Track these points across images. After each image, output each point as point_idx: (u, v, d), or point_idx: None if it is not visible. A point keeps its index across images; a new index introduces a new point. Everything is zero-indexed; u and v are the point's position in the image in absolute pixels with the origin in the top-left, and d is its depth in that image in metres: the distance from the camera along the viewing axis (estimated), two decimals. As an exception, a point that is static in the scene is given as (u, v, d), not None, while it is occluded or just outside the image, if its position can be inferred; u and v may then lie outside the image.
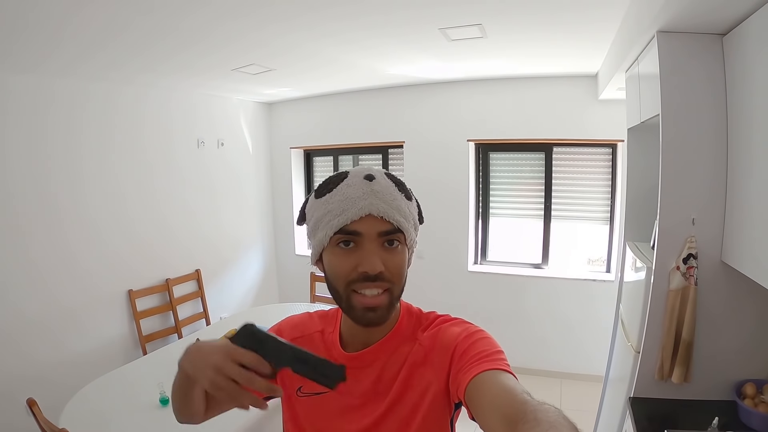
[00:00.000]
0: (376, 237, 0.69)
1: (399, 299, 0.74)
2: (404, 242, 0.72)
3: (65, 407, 1.92)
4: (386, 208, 0.69)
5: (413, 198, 0.78)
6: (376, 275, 0.68)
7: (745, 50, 1.35)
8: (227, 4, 1.88)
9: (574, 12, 1.98)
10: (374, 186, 0.71)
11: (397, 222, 0.70)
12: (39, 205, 2.78)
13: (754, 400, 1.49)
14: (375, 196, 0.70)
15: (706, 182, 1.54)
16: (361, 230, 0.69)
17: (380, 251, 0.69)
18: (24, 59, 2.41)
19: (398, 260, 0.71)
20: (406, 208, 0.73)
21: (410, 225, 0.73)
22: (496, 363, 0.65)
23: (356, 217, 0.68)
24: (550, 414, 0.50)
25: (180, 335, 3.49)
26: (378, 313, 0.70)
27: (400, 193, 0.73)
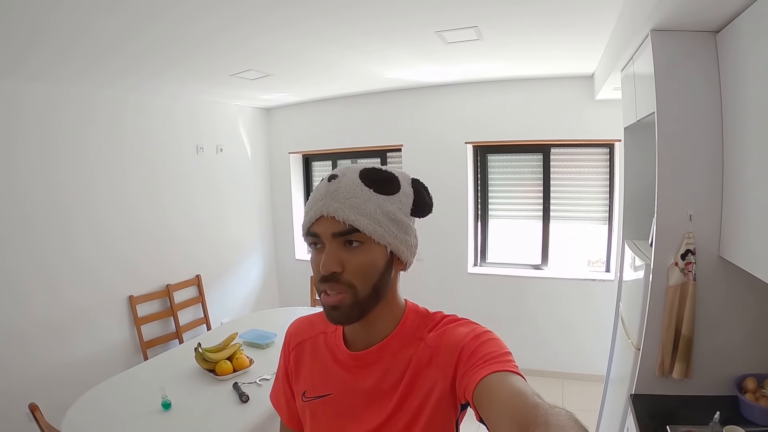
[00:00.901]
0: (332, 237, 0.69)
1: (371, 299, 0.72)
2: (371, 241, 0.70)
3: (67, 412, 1.92)
4: (338, 207, 0.69)
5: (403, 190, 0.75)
6: (331, 275, 0.69)
7: (737, 47, 1.37)
8: (233, 13, 1.91)
9: (569, 15, 2.00)
10: (331, 186, 0.71)
11: (350, 221, 0.68)
12: (50, 209, 2.84)
13: (755, 395, 1.50)
14: (330, 196, 0.70)
15: (702, 178, 1.55)
16: (318, 231, 0.70)
17: (340, 251, 0.69)
18: (37, 67, 2.46)
19: (358, 260, 0.70)
20: (370, 205, 0.70)
21: (375, 223, 0.70)
22: (505, 365, 0.64)
23: (313, 219, 0.70)
24: (560, 417, 0.49)
25: (181, 340, 3.48)
26: (340, 312, 0.70)
27: (367, 189, 0.71)
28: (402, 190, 0.75)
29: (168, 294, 3.51)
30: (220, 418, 1.90)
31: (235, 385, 2.11)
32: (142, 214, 3.40)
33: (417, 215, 0.78)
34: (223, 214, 4.16)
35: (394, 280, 0.77)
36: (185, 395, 2.06)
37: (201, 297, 3.81)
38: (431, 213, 0.80)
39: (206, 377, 2.24)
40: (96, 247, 3.09)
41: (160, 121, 3.52)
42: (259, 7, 1.87)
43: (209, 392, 2.11)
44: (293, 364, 0.87)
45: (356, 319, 0.72)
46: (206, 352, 2.28)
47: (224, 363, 2.24)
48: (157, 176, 3.51)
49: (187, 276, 3.75)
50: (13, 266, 2.67)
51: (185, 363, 2.38)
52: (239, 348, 2.36)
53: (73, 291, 2.96)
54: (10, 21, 1.79)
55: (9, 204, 2.65)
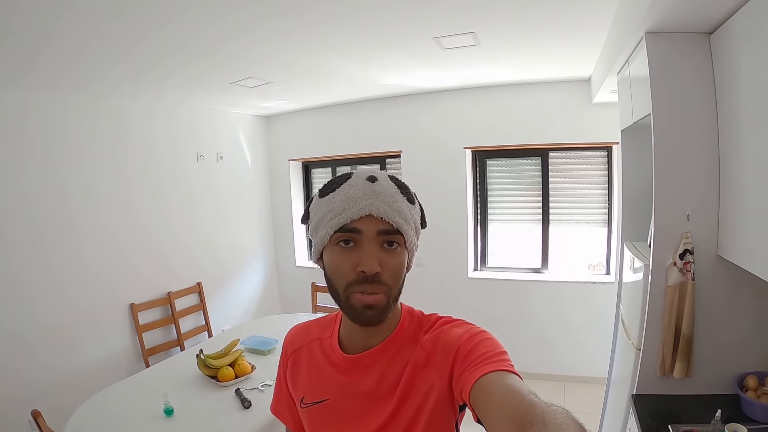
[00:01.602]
0: (375, 236, 0.70)
1: (396, 301, 0.74)
2: (403, 245, 0.73)
3: (70, 418, 1.92)
4: (386, 209, 0.70)
5: (416, 202, 0.78)
6: (373, 276, 0.69)
7: (731, 47, 1.39)
8: (236, 22, 1.94)
9: (564, 19, 2.03)
10: (376, 187, 0.72)
11: (397, 224, 0.70)
12: (54, 215, 2.87)
13: (757, 392, 1.50)
14: (376, 197, 0.70)
15: (699, 178, 1.56)
16: (362, 228, 0.70)
17: (379, 252, 0.70)
18: (42, 77, 2.49)
19: (396, 262, 0.71)
20: (407, 211, 0.73)
21: (410, 228, 0.73)
22: (500, 364, 0.64)
23: (356, 216, 0.69)
24: (557, 416, 0.49)
25: (182, 348, 3.48)
26: (375, 311, 0.70)
27: (402, 195, 0.74)
28: (416, 201, 0.79)
29: (169, 301, 3.51)
30: (222, 425, 1.90)
31: (237, 392, 2.11)
32: (145, 220, 3.42)
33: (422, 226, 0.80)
34: (223, 221, 4.17)
35: None
36: (187, 401, 2.06)
37: (202, 304, 3.81)
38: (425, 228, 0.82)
39: (208, 384, 2.24)
40: (99, 253, 3.11)
41: (162, 129, 3.55)
42: (260, 16, 1.90)
43: (211, 398, 2.11)
44: (291, 372, 0.87)
45: (384, 320, 0.73)
46: (208, 358, 2.28)
47: (226, 369, 2.24)
48: (160, 184, 3.53)
49: (189, 283, 3.75)
50: (18, 271, 2.68)
51: (187, 369, 2.38)
52: (241, 354, 2.37)
53: (76, 297, 2.97)
54: (15, 30, 1.81)
55: (15, 211, 2.67)
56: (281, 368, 0.91)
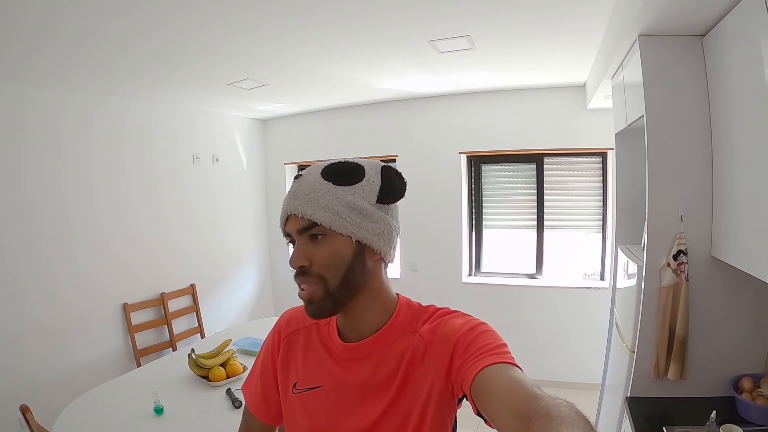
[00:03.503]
0: (298, 234, 0.72)
1: (344, 290, 0.72)
2: (332, 233, 0.70)
3: (59, 416, 1.89)
4: (298, 205, 0.71)
5: (367, 178, 0.73)
6: (299, 269, 0.71)
7: (723, 49, 1.40)
8: (232, 23, 1.95)
9: (559, 23, 2.05)
10: (295, 185, 0.75)
11: (308, 215, 0.70)
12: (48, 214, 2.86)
13: (752, 394, 1.49)
14: (292, 195, 0.73)
15: (692, 179, 1.57)
16: (289, 230, 0.73)
17: (307, 247, 0.72)
18: (41, 73, 2.49)
19: (324, 252, 0.71)
20: (329, 198, 0.70)
21: (334, 214, 0.69)
22: (502, 356, 0.64)
23: (284, 219, 0.74)
24: (562, 409, 0.49)
25: (175, 349, 3.44)
26: (314, 305, 0.72)
27: (326, 182, 0.71)
28: (367, 178, 0.73)
29: (162, 302, 3.48)
30: (212, 424, 1.87)
31: (228, 392, 2.09)
32: (139, 221, 3.40)
33: (386, 201, 0.74)
34: (218, 223, 4.15)
35: (374, 271, 0.75)
36: (178, 401, 2.03)
37: (195, 306, 3.79)
38: (403, 197, 0.77)
39: (199, 383, 2.21)
40: (93, 252, 3.09)
41: (158, 130, 3.54)
42: (256, 18, 1.91)
43: (202, 398, 2.08)
44: (282, 355, 0.85)
45: (331, 312, 0.73)
46: (200, 358, 2.25)
47: (217, 369, 2.22)
48: (155, 184, 3.52)
49: (182, 285, 3.73)
50: (11, 269, 2.66)
51: (178, 369, 2.36)
52: (233, 355, 2.34)
53: (68, 296, 2.94)
54: (15, 26, 1.82)
55: (8, 208, 2.66)
56: (270, 352, 0.88)
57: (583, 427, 0.47)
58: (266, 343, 0.90)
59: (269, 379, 0.88)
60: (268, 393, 0.88)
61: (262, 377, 0.89)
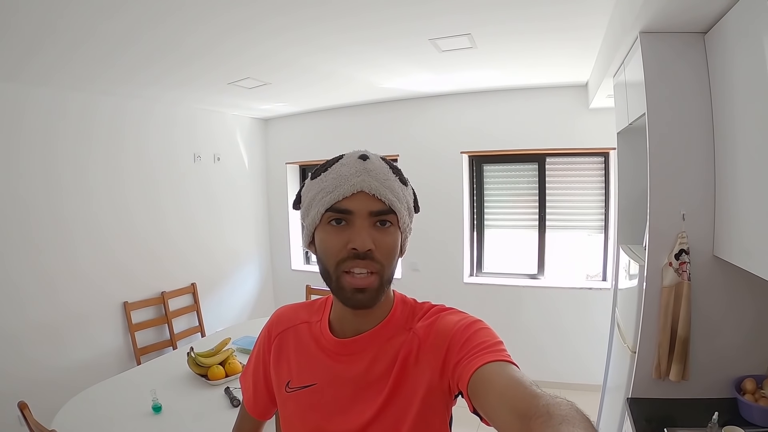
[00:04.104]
0: (368, 215, 0.68)
1: (389, 284, 0.72)
2: (396, 224, 0.71)
3: (58, 412, 1.90)
4: (378, 186, 0.69)
5: (408, 184, 0.78)
6: (366, 253, 0.67)
7: (725, 47, 1.39)
8: (231, 20, 1.94)
9: (560, 20, 2.04)
10: (368, 165, 0.71)
11: (389, 201, 0.69)
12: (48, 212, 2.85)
13: (755, 395, 1.48)
14: (368, 174, 0.69)
15: (694, 177, 1.56)
16: (352, 208, 0.68)
17: (371, 230, 0.68)
18: (40, 72, 2.49)
19: (389, 241, 0.70)
20: (399, 190, 0.72)
21: (403, 207, 0.72)
22: (499, 354, 0.63)
23: (348, 194, 0.68)
24: (562, 407, 0.48)
25: (175, 348, 3.43)
26: (367, 295, 0.68)
27: (394, 175, 0.73)
28: (408, 184, 0.78)
29: (163, 301, 3.48)
30: (210, 422, 1.87)
31: (227, 390, 2.08)
32: (139, 220, 3.40)
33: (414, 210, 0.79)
34: (219, 222, 4.15)
35: None
36: (176, 399, 2.03)
37: (196, 305, 3.78)
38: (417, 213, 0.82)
39: (198, 382, 2.21)
40: (93, 251, 3.08)
41: (158, 129, 3.54)
42: (255, 14, 1.90)
43: (201, 396, 2.08)
44: (274, 354, 0.85)
45: (375, 303, 0.71)
46: (199, 356, 2.25)
47: (216, 368, 2.21)
48: (155, 183, 3.52)
49: (183, 284, 3.72)
50: (11, 268, 2.66)
51: (177, 368, 2.36)
52: (232, 353, 2.34)
53: (68, 294, 2.94)
54: (14, 25, 1.82)
55: (8, 207, 2.66)
56: (262, 349, 0.88)
57: (584, 426, 0.46)
58: (258, 341, 0.90)
59: (258, 376, 0.89)
60: (257, 389, 0.89)
61: (253, 373, 0.90)
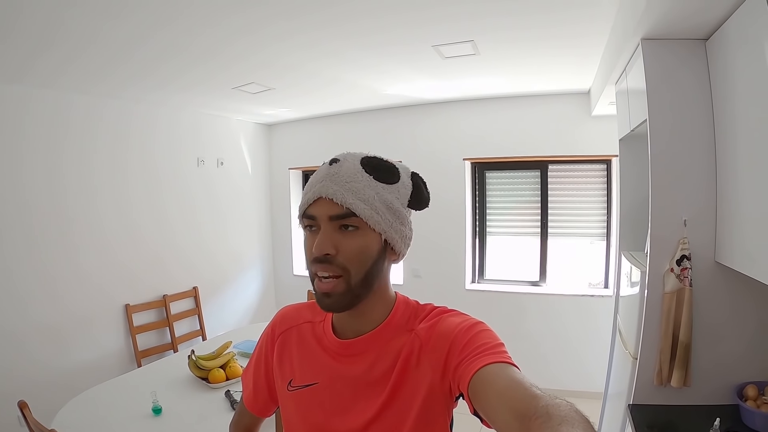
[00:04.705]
0: (328, 220, 0.69)
1: (363, 287, 0.71)
2: (366, 227, 0.69)
3: (58, 413, 1.90)
4: (336, 190, 0.68)
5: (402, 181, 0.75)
6: (324, 257, 0.68)
7: (725, 53, 1.40)
8: (236, 24, 1.97)
9: (563, 27, 2.06)
10: (332, 169, 0.71)
11: (348, 204, 0.68)
12: (52, 214, 2.87)
13: (757, 402, 1.47)
14: (330, 178, 0.70)
15: (696, 183, 1.56)
16: (315, 213, 0.70)
17: (334, 234, 0.69)
18: (45, 74, 2.52)
19: (353, 245, 0.69)
20: (369, 191, 0.69)
21: (372, 209, 0.69)
22: (500, 356, 0.63)
23: (311, 200, 0.70)
24: (561, 408, 0.48)
25: (176, 351, 3.43)
26: (333, 299, 0.69)
27: (367, 175, 0.71)
28: (401, 181, 0.75)
29: (164, 304, 3.49)
30: (210, 425, 1.87)
31: (228, 393, 2.08)
32: (142, 223, 3.41)
33: (414, 207, 0.77)
34: (222, 227, 4.16)
35: (386, 270, 0.76)
36: (177, 401, 2.03)
37: (198, 309, 3.78)
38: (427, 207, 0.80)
39: (199, 385, 2.21)
40: (96, 253, 3.10)
41: (163, 133, 3.57)
42: (260, 19, 1.93)
43: (201, 399, 2.08)
44: (277, 352, 0.85)
45: (348, 307, 0.71)
46: (200, 359, 2.25)
47: (217, 371, 2.21)
48: (159, 187, 3.54)
49: (185, 287, 3.73)
50: (14, 269, 2.68)
51: (178, 371, 2.36)
52: (233, 357, 2.34)
53: (71, 296, 2.95)
54: (20, 27, 1.84)
55: (12, 208, 2.67)
56: (265, 347, 0.89)
57: (584, 427, 0.46)
58: (261, 339, 0.91)
59: (260, 374, 0.89)
60: (258, 386, 0.90)
61: (254, 370, 0.90)
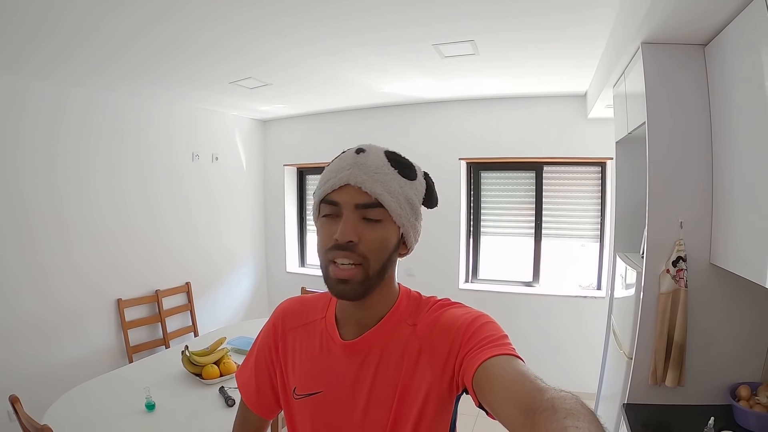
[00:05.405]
0: (354, 208, 0.68)
1: (379, 278, 0.71)
2: (389, 219, 0.70)
3: (49, 408, 1.87)
4: (366, 179, 0.69)
5: (419, 179, 0.77)
6: (347, 244, 0.67)
7: (723, 59, 1.42)
8: (236, 19, 1.95)
9: (562, 29, 2.07)
10: (360, 159, 0.71)
11: (377, 195, 0.68)
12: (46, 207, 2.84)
13: (749, 402, 1.49)
14: (357, 167, 0.70)
15: (692, 186, 1.58)
16: (339, 200, 0.69)
17: (358, 223, 0.69)
18: (43, 65, 2.48)
19: (376, 235, 0.69)
20: (394, 185, 0.71)
21: (397, 202, 0.70)
22: (504, 348, 0.63)
23: (336, 186, 0.70)
24: (567, 401, 0.48)
25: (168, 347, 3.40)
26: (349, 286, 0.69)
27: (393, 169, 0.72)
28: (419, 179, 0.77)
29: (157, 299, 3.46)
30: (204, 421, 1.85)
31: (221, 390, 2.07)
32: (136, 217, 3.38)
33: (426, 206, 0.80)
34: (215, 222, 4.13)
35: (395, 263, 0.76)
36: (170, 397, 2.01)
37: (190, 304, 3.75)
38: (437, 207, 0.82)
39: (192, 381, 2.19)
40: (88, 247, 3.06)
41: (158, 127, 3.54)
42: (261, 14, 1.91)
43: (195, 395, 2.06)
44: (281, 352, 0.83)
45: (361, 296, 0.70)
46: (194, 355, 2.23)
47: (211, 367, 2.19)
48: (153, 181, 3.51)
49: (177, 283, 3.70)
50: (6, 262, 2.64)
51: (172, 366, 2.33)
52: (227, 353, 2.32)
53: (63, 290, 2.91)
54: (19, 16, 1.82)
55: (5, 200, 2.63)
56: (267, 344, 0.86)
57: (589, 420, 0.46)
58: (262, 335, 0.88)
59: (263, 371, 0.86)
60: (261, 385, 0.86)
61: (256, 368, 0.87)
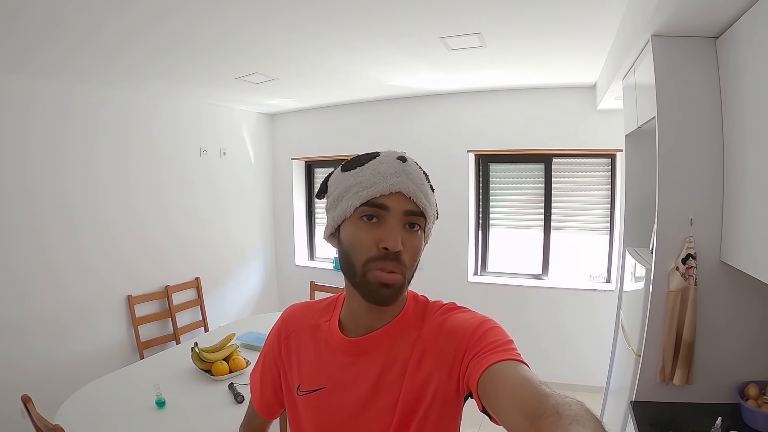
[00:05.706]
0: (402, 215, 0.69)
1: (409, 284, 0.74)
2: (423, 228, 0.73)
3: (61, 406, 1.90)
4: (415, 190, 0.70)
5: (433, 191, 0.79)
6: (395, 254, 0.68)
7: (736, 52, 1.38)
8: (241, 15, 1.94)
9: (571, 21, 2.03)
10: (406, 167, 0.72)
11: (423, 206, 0.71)
12: (53, 205, 2.87)
13: (758, 401, 1.48)
14: (406, 176, 0.71)
15: (703, 182, 1.55)
16: (390, 205, 0.69)
17: (402, 231, 0.69)
18: (47, 64, 2.49)
19: (416, 244, 0.71)
20: (431, 196, 0.75)
21: (432, 213, 0.74)
22: (509, 353, 0.63)
23: (386, 192, 0.69)
24: (572, 407, 0.48)
25: (178, 342, 3.45)
26: (391, 291, 0.69)
27: (427, 182, 0.75)
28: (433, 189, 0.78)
29: (167, 295, 3.50)
30: (214, 418, 1.88)
31: (231, 386, 2.09)
32: (144, 213, 3.41)
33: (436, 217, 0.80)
34: (224, 217, 4.16)
35: None
36: (180, 394, 2.04)
37: (200, 300, 3.80)
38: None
39: (202, 377, 2.22)
40: (97, 244, 3.10)
41: (165, 123, 3.55)
42: (266, 9, 1.90)
43: (204, 392, 2.09)
44: (285, 356, 0.84)
45: (395, 301, 0.72)
46: (203, 352, 2.26)
47: (220, 363, 2.22)
48: (160, 177, 3.53)
49: (187, 278, 3.74)
50: (15, 261, 2.68)
51: (181, 363, 2.37)
52: (236, 349, 2.35)
53: (72, 288, 2.95)
54: (21, 17, 1.82)
55: (13, 198, 2.67)
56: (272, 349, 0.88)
57: (594, 427, 0.46)
58: (268, 341, 0.90)
59: (267, 374, 0.88)
60: (265, 388, 0.89)
61: (261, 372, 0.90)
